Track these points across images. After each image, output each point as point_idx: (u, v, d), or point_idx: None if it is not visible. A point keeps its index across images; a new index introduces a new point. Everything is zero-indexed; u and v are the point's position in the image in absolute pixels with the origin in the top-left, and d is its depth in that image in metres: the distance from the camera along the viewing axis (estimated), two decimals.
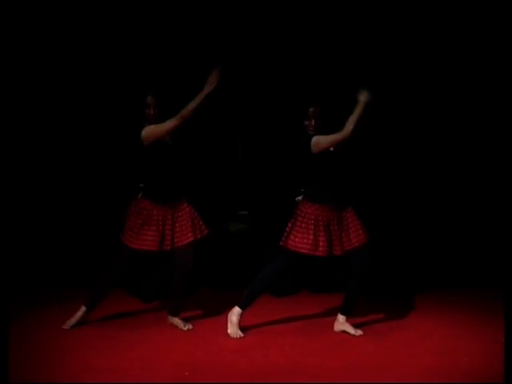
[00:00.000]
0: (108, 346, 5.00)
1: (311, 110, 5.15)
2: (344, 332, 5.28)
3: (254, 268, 5.75)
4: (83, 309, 5.44)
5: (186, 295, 5.50)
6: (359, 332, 5.25)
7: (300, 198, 5.27)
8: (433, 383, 4.31)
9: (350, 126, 4.99)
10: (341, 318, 5.34)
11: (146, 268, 5.82)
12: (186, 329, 5.40)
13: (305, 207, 5.21)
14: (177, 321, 5.48)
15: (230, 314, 5.32)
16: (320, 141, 5.07)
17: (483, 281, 6.38)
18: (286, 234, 5.22)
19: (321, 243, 5.15)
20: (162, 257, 5.64)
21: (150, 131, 5.18)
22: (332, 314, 5.69)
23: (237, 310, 5.31)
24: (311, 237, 5.15)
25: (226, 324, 5.29)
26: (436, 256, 6.65)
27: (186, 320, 5.53)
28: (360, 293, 5.33)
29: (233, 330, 5.27)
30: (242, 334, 5.25)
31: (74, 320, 5.41)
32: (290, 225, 5.23)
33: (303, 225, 5.18)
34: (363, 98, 5.03)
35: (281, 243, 5.23)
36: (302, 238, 5.16)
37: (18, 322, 5.51)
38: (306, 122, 5.17)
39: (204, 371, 4.53)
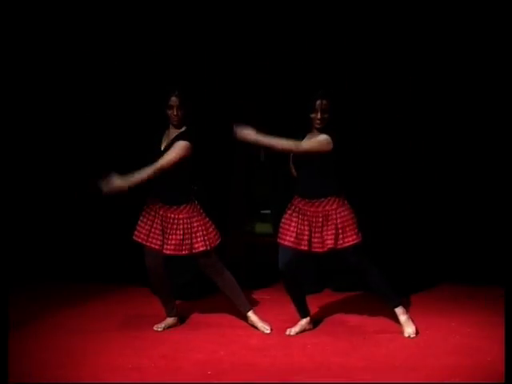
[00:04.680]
0: (131, 345, 5.04)
1: (318, 102, 5.03)
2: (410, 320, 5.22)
3: (277, 267, 5.75)
4: (168, 318, 5.49)
5: (239, 290, 5.46)
6: (412, 329, 5.16)
7: None
8: (455, 383, 4.29)
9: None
10: (397, 311, 5.23)
11: (169, 268, 5.82)
12: (264, 330, 5.35)
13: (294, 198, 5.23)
14: (253, 319, 5.43)
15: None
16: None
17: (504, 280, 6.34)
18: None
19: (289, 232, 5.12)
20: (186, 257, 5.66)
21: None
22: (355, 312, 5.69)
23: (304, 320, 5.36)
24: (283, 225, 5.17)
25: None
26: (453, 254, 6.62)
27: (208, 318, 5.55)
28: (384, 281, 5.20)
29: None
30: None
31: (163, 324, 5.45)
32: None
33: (285, 214, 5.21)
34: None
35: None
36: (281, 227, 5.20)
37: (41, 321, 5.58)
38: (312, 115, 5.07)
39: (226, 370, 4.54)
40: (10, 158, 6.18)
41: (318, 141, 5.03)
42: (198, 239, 5.23)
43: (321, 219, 5.08)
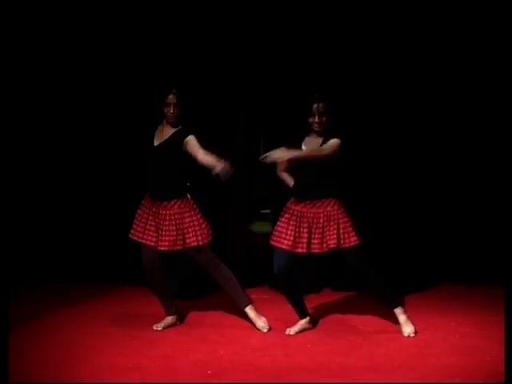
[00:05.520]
0: (131, 344, 5.04)
1: (314, 106, 5.05)
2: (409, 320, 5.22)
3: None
4: (168, 317, 5.50)
5: (238, 286, 5.45)
6: (411, 329, 5.16)
7: None
8: (456, 383, 4.29)
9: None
10: (395, 312, 5.23)
11: (167, 267, 5.83)
12: (261, 328, 5.36)
13: (289, 202, 5.22)
14: (251, 315, 5.42)
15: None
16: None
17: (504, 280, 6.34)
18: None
19: (286, 236, 5.11)
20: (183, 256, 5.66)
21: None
22: (355, 313, 5.68)
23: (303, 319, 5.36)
24: (279, 228, 5.16)
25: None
26: (453, 254, 6.62)
27: (206, 319, 5.54)
28: (383, 283, 5.20)
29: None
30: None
31: (162, 324, 5.46)
32: None
33: (281, 218, 5.20)
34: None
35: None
36: (276, 230, 5.20)
37: (41, 320, 5.59)
38: (310, 119, 5.08)
39: (226, 370, 4.54)
40: (11, 158, 6.18)
41: (336, 143, 5.01)
42: (190, 234, 5.24)
43: (322, 220, 5.08)
